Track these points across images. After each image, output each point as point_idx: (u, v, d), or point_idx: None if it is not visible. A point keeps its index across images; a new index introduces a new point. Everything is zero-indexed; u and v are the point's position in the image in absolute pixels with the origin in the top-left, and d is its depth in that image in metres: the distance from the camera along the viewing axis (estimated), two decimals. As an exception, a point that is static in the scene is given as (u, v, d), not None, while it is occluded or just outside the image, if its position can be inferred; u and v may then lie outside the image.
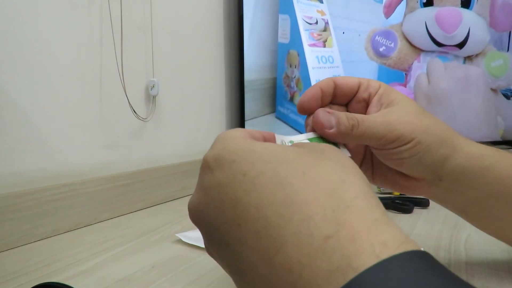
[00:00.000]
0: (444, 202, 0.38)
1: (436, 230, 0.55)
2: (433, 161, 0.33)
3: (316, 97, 0.36)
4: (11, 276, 0.41)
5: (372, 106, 0.35)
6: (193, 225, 0.26)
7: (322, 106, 0.36)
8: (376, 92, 0.36)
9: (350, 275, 0.17)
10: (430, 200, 0.69)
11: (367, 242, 0.18)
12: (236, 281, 0.23)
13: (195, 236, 0.51)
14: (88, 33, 0.62)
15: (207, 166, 0.24)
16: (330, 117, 0.32)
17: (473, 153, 0.34)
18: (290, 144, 0.32)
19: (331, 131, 0.31)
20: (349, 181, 0.22)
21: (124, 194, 0.66)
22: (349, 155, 0.32)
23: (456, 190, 0.35)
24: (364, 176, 0.23)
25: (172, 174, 0.76)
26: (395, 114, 0.33)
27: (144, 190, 0.70)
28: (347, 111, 0.37)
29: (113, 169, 0.66)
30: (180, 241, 0.50)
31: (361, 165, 0.38)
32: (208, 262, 0.44)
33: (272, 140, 0.30)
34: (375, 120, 0.32)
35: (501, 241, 0.40)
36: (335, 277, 0.18)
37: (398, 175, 0.36)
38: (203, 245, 0.48)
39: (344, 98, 0.37)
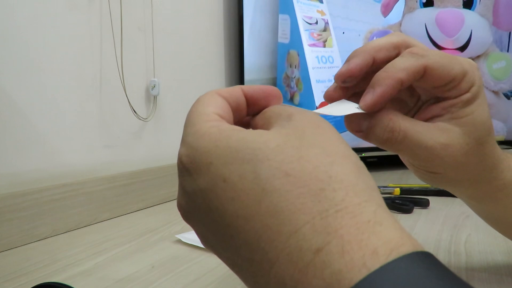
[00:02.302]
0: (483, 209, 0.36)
1: (436, 230, 0.55)
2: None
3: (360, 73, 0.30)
4: (11, 276, 0.41)
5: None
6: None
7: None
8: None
9: None
10: (430, 200, 0.69)
11: (357, 253, 0.17)
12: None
13: (195, 237, 0.51)
14: (88, 33, 0.62)
15: (184, 168, 0.23)
16: (363, 121, 0.29)
17: None
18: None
19: (359, 134, 0.29)
20: (336, 175, 0.20)
21: (124, 194, 0.66)
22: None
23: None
24: (354, 157, 0.21)
25: (172, 174, 0.76)
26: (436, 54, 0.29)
27: (144, 190, 0.70)
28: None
29: (113, 169, 0.66)
30: (180, 241, 0.50)
31: None
32: (208, 262, 0.44)
33: (242, 105, 0.26)
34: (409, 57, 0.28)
35: None
36: None
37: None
38: (202, 245, 0.48)
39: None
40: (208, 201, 0.21)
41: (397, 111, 0.29)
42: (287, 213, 0.19)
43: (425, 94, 0.32)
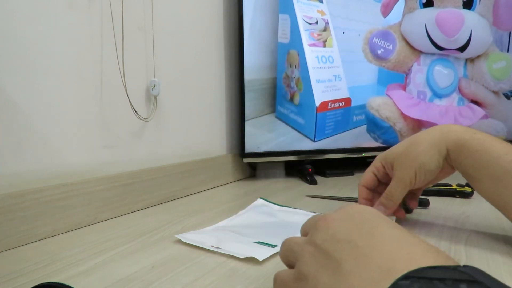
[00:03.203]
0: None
1: (436, 230, 0.55)
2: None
3: (365, 195, 0.59)
4: (11, 276, 0.41)
5: (390, 172, 0.56)
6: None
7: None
8: (383, 165, 0.56)
9: None
10: (430, 200, 0.69)
11: None
12: None
13: (195, 237, 0.51)
14: (89, 33, 0.62)
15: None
16: (379, 207, 0.55)
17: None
18: None
19: (387, 212, 0.55)
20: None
21: (124, 194, 0.66)
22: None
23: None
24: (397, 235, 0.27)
25: (172, 174, 0.76)
26: (398, 168, 0.53)
27: (144, 190, 0.70)
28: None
29: (113, 169, 0.66)
30: (180, 241, 0.50)
31: None
32: (208, 262, 0.44)
33: None
34: (393, 186, 0.54)
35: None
36: None
37: None
38: (202, 245, 0.48)
39: (382, 189, 0.57)
40: None
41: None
42: None
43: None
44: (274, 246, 0.47)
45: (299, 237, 0.32)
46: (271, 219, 0.60)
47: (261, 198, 0.70)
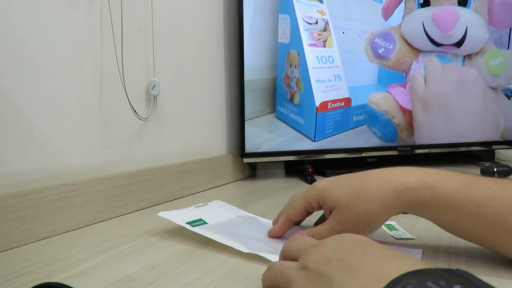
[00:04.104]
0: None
1: (436, 230, 0.55)
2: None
3: (286, 229, 0.52)
4: (11, 276, 0.41)
5: (327, 214, 0.47)
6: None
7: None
8: (320, 205, 0.48)
9: None
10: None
11: None
12: None
13: (176, 214, 0.54)
14: (89, 33, 0.62)
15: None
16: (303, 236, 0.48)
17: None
18: None
19: None
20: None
21: (124, 194, 0.66)
22: None
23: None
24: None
25: (172, 174, 0.76)
26: (337, 217, 0.45)
27: (144, 190, 0.70)
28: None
29: (113, 169, 0.66)
30: (180, 241, 0.50)
31: None
32: (208, 262, 0.44)
33: None
34: (325, 231, 0.46)
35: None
36: None
37: None
38: (181, 223, 0.51)
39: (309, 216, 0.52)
40: None
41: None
42: None
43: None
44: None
45: (289, 261, 0.32)
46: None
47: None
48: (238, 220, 0.57)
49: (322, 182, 0.48)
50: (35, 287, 0.32)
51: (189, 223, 0.52)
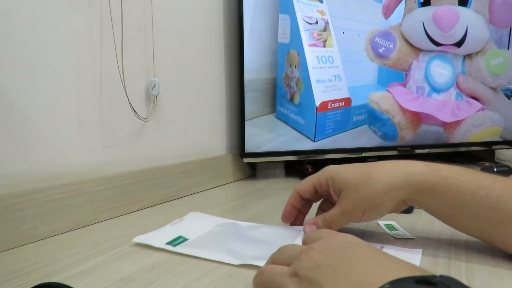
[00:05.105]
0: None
1: (436, 230, 0.55)
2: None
3: (293, 213, 0.53)
4: (11, 276, 0.41)
5: (334, 196, 0.49)
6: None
7: (306, 208, 0.54)
8: (329, 185, 0.49)
9: None
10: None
11: None
12: None
13: (153, 235, 0.51)
14: (89, 33, 0.62)
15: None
16: (311, 226, 0.49)
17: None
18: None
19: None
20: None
21: (124, 194, 0.66)
22: None
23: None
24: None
25: (172, 174, 0.76)
26: (346, 199, 0.47)
27: (144, 190, 0.70)
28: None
29: (113, 169, 0.66)
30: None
31: None
32: (208, 262, 0.44)
33: None
34: (335, 215, 0.48)
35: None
36: None
37: None
38: (160, 246, 0.48)
39: (316, 198, 0.53)
40: None
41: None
42: None
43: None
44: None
45: (280, 267, 0.32)
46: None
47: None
48: (218, 230, 0.54)
49: (333, 166, 0.51)
50: (35, 287, 0.32)
51: (169, 243, 0.49)
